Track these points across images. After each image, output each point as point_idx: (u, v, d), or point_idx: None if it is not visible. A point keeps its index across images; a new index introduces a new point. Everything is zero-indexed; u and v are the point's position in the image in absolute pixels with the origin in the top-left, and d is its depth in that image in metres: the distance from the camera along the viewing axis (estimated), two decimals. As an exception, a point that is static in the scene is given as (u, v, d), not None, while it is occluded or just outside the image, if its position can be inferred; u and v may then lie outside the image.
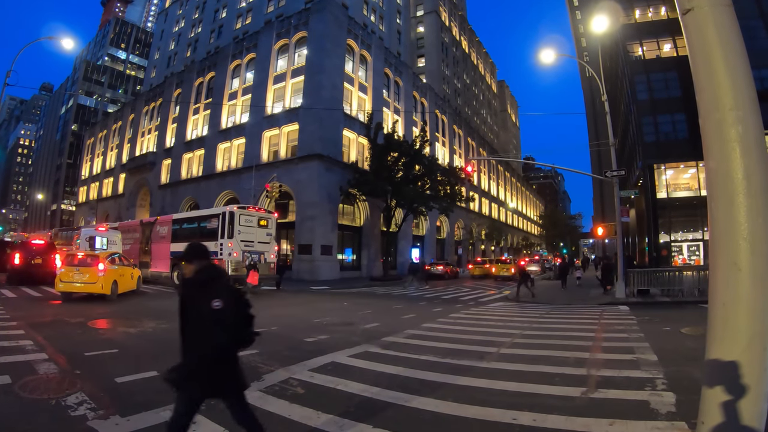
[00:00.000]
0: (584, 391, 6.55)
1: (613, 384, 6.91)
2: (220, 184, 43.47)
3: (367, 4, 60.62)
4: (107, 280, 17.08)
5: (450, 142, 63.29)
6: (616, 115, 42.90)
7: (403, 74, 51.63)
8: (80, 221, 70.66)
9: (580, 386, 6.77)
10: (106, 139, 71.90)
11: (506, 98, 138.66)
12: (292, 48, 41.55)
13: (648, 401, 6.06)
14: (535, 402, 6.06)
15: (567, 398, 6.25)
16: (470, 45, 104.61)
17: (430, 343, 10.37)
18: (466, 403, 5.99)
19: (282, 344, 9.94)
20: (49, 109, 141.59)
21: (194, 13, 76.17)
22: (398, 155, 36.78)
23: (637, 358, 8.75)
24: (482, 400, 6.14)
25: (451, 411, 5.73)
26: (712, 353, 3.79)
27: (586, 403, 6.10)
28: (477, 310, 17.91)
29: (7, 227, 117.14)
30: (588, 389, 6.62)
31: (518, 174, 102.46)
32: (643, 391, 6.54)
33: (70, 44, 25.68)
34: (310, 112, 37.03)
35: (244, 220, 22.90)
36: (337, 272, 36.43)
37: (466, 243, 66.86)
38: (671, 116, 35.90)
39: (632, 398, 6.23)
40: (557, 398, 6.24)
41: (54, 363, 7.64)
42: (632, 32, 39.91)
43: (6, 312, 13.48)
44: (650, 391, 6.49)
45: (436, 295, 25.36)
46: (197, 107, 50.04)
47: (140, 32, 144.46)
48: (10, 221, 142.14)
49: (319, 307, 18.43)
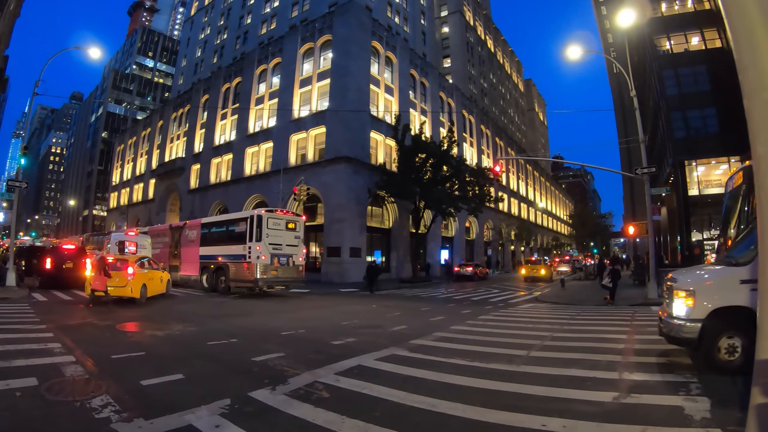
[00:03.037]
0: (616, 396, 6.37)
1: (645, 388, 6.72)
2: (249, 188, 43.80)
3: (390, 6, 60.51)
4: (136, 284, 17.21)
5: (478, 142, 62.91)
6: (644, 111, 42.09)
7: (429, 75, 51.40)
8: (111, 226, 72.03)
9: (612, 391, 6.60)
10: (136, 145, 73.20)
11: (533, 97, 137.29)
12: (318, 51, 41.68)
13: (682, 407, 5.86)
14: (566, 407, 5.92)
15: (598, 403, 6.09)
16: (495, 44, 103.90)
17: (459, 346, 10.21)
18: (494, 408, 5.85)
19: (309, 347, 9.89)
20: (79, 117, 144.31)
21: (219, 20, 76.96)
22: (426, 156, 36.51)
23: (670, 361, 8.51)
24: (511, 405, 6.00)
25: (479, 416, 5.60)
26: (762, 353, 3.59)
27: (617, 408, 5.95)
28: (506, 312, 17.70)
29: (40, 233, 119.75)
30: (620, 394, 6.45)
31: (547, 173, 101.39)
32: (677, 396, 6.34)
33: (98, 53, 26.10)
34: (337, 114, 37.07)
35: (272, 223, 22.86)
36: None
37: (495, 244, 66.38)
38: (701, 111, 35.16)
39: (665, 403, 6.04)
40: (588, 404, 6.09)
41: (81, 365, 7.64)
42: (659, 26, 39.20)
43: (36, 315, 13.65)
44: (684, 396, 6.29)
45: (466, 296, 25.16)
46: (225, 112, 50.59)
47: (167, 40, 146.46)
48: (43, 227, 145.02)
49: (348, 309, 18.37)
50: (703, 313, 7.40)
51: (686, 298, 7.65)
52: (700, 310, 7.45)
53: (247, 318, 15.04)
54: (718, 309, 7.34)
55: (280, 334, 11.50)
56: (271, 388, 6.65)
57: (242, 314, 16.02)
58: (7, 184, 28.82)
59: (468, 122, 60.88)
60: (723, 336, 7.31)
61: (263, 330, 12.32)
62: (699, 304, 7.49)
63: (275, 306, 18.95)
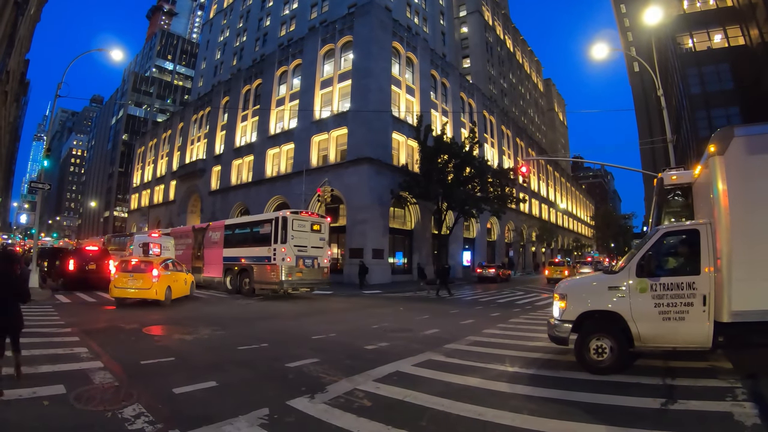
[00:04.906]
0: (663, 402, 6.26)
1: (692, 394, 6.60)
2: (270, 190, 43.78)
3: (410, 7, 60.26)
4: (161, 286, 17.11)
5: (498, 142, 62.46)
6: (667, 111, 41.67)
7: (450, 75, 51.09)
8: (132, 227, 72.58)
9: (659, 397, 6.47)
10: (157, 147, 73.83)
11: (553, 97, 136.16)
12: (338, 53, 41.56)
13: (731, 413, 5.78)
14: (615, 414, 5.83)
15: (646, 410, 6.00)
16: (515, 43, 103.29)
17: (495, 351, 10.05)
18: (542, 417, 5.72)
19: (342, 352, 9.72)
20: (100, 120, 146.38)
21: (239, 22, 77.35)
22: (448, 157, 36.30)
23: (712, 366, 8.29)
24: (559, 412, 5.87)
25: (528, 425, 5.45)
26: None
27: (666, 414, 5.87)
28: (535, 315, 17.42)
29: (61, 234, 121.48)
30: (667, 400, 6.32)
31: (567, 174, 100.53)
32: (724, 401, 6.23)
33: (119, 55, 26.23)
34: (359, 115, 36.91)
35: (297, 225, 22.69)
36: (388, 276, 36.14)
37: (516, 245, 65.92)
38: (725, 110, 34.97)
39: (714, 409, 5.96)
40: (636, 410, 5.99)
41: (109, 372, 7.48)
42: (681, 24, 38.91)
43: (60, 318, 13.57)
44: (731, 402, 6.19)
45: (491, 299, 24.90)
46: (245, 114, 50.71)
47: (186, 43, 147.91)
48: (65, 228, 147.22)
49: (375, 312, 18.19)
50: (573, 315, 8.05)
51: (560, 302, 8.30)
52: (571, 312, 8.09)
53: (274, 321, 14.86)
54: (587, 312, 7.99)
55: (311, 338, 11.33)
56: (309, 396, 6.47)
57: (269, 317, 15.86)
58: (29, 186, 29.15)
59: (489, 123, 60.45)
60: (592, 338, 7.84)
61: (293, 334, 12.15)
62: (569, 307, 8.14)
63: (302, 308, 18.82)
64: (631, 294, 7.59)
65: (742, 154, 7.21)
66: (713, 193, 7.30)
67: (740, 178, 7.15)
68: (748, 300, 6.82)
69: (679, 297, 7.29)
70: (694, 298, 7.22)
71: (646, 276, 7.52)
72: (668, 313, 7.31)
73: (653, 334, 7.46)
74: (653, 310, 7.39)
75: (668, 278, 7.43)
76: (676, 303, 7.30)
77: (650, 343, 7.61)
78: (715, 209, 7.23)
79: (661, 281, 7.42)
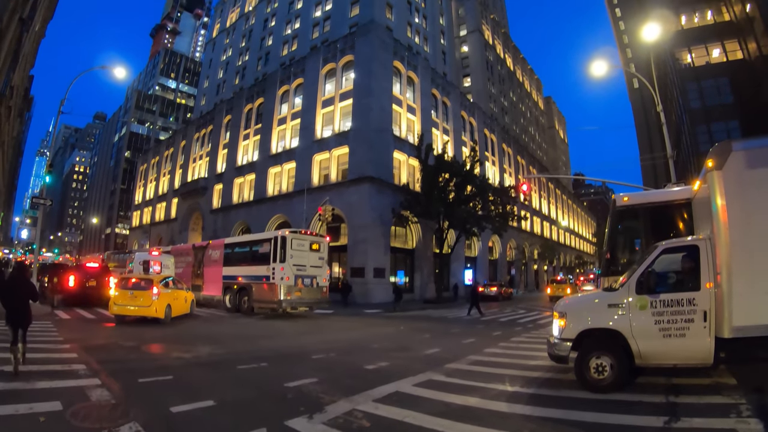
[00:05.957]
0: (667, 420, 6.19)
1: (695, 411, 6.53)
2: (272, 208, 43.84)
3: (410, 26, 60.74)
4: (161, 304, 17.08)
5: (500, 161, 62.64)
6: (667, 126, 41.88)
7: (451, 94, 51.43)
8: (134, 245, 72.63)
9: (662, 415, 6.40)
10: (159, 165, 74.15)
11: (553, 114, 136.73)
12: (340, 72, 41.88)
13: (736, 429, 5.74)
14: None
15: (649, 429, 5.94)
16: (515, 62, 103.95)
17: (496, 370, 9.96)
18: None
19: (342, 372, 9.66)
20: (102, 136, 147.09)
21: (241, 41, 78.01)
22: (449, 176, 36.37)
23: (716, 382, 8.21)
24: None
25: None
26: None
27: None
28: (537, 333, 17.31)
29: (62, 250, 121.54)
30: (670, 417, 6.26)
31: (569, 191, 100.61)
32: (729, 418, 6.17)
33: (123, 73, 26.59)
34: (360, 134, 37.13)
35: (296, 244, 22.69)
36: (389, 295, 35.90)
37: (518, 263, 65.78)
38: (725, 124, 35.04)
39: (718, 426, 5.91)
40: (639, 429, 5.93)
41: (107, 389, 7.43)
42: (680, 39, 39.28)
43: (60, 334, 13.57)
44: (736, 419, 6.13)
45: (493, 317, 24.82)
46: (247, 133, 51.00)
47: (189, 62, 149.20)
48: (66, 244, 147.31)
49: (376, 331, 18.12)
50: (573, 334, 7.97)
51: (560, 320, 8.24)
52: (570, 330, 8.02)
53: (275, 340, 14.81)
54: (587, 330, 7.92)
55: (311, 357, 11.26)
56: (308, 416, 6.41)
57: (270, 336, 15.81)
58: (31, 202, 29.17)
59: (490, 141, 60.71)
60: (592, 356, 7.73)
61: (293, 353, 12.08)
62: (569, 326, 8.07)
63: (302, 327, 18.74)
64: (631, 311, 7.54)
65: (741, 168, 7.21)
66: (712, 208, 7.29)
67: (739, 192, 7.14)
68: (750, 315, 6.78)
69: (679, 313, 7.26)
70: (694, 314, 7.19)
71: (645, 293, 7.48)
72: (669, 329, 7.27)
73: (654, 352, 7.41)
74: (654, 327, 7.35)
75: (668, 295, 7.40)
76: (676, 319, 7.26)
77: (651, 361, 7.56)
78: (715, 224, 7.22)
79: (660, 298, 7.39)
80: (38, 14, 21.13)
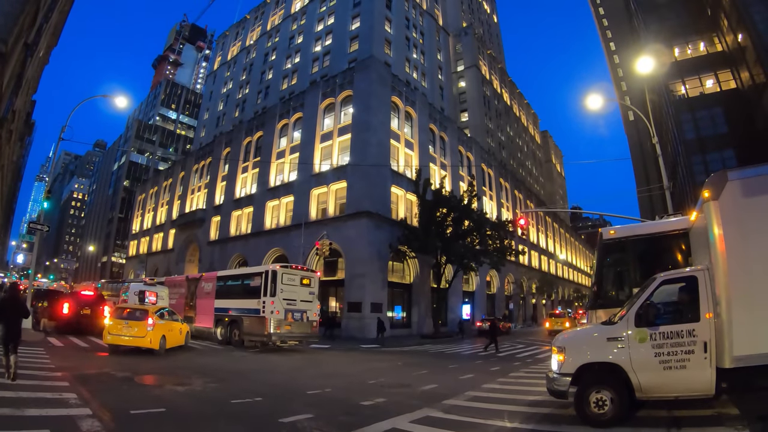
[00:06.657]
0: None
1: None
2: (269, 242, 43.77)
3: (408, 62, 61.69)
4: (156, 335, 16.98)
5: (497, 195, 62.98)
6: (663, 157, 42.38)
7: (448, 129, 51.94)
8: (130, 274, 72.30)
9: None
10: (157, 195, 74.24)
11: (550, 148, 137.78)
12: (338, 107, 42.37)
13: None
14: None
15: None
16: (511, 97, 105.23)
17: (494, 406, 9.90)
18: None
19: (337, 408, 9.56)
20: (102, 165, 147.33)
21: (242, 75, 78.99)
22: (447, 211, 36.49)
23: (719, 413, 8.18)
24: None
25: None
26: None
27: None
28: (536, 368, 17.27)
29: (58, 276, 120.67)
30: None
31: (566, 224, 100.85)
32: None
33: (124, 102, 27.03)
34: (358, 169, 37.32)
35: (287, 279, 22.80)
36: (387, 330, 35.79)
37: (516, 297, 65.57)
38: (720, 153, 35.22)
39: None
40: None
41: (98, 419, 7.33)
42: (673, 71, 39.80)
43: (52, 361, 13.45)
44: None
45: (491, 352, 24.66)
46: (246, 165, 51.22)
47: (190, 93, 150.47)
48: (62, 270, 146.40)
49: (373, 366, 18.00)
50: (572, 368, 7.93)
51: (559, 354, 8.22)
52: (569, 365, 7.98)
53: (270, 374, 14.67)
54: (586, 364, 7.88)
55: (307, 392, 11.12)
56: (303, 453, 6.33)
57: (265, 370, 15.67)
58: (29, 227, 29.10)
59: (487, 175, 61.11)
60: (592, 390, 7.68)
61: (288, 388, 11.95)
62: (568, 360, 8.04)
63: (298, 362, 18.57)
64: (630, 344, 7.53)
65: (737, 197, 7.29)
66: (710, 238, 7.34)
67: (736, 221, 7.19)
68: (750, 344, 6.77)
69: (679, 345, 7.25)
70: (694, 345, 7.19)
71: (644, 325, 7.49)
72: (669, 362, 7.26)
73: (655, 384, 7.38)
74: (653, 359, 7.33)
75: (668, 327, 7.41)
76: (676, 351, 7.25)
77: (652, 394, 7.51)
78: (713, 254, 7.25)
79: (660, 330, 7.39)
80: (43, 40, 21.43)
